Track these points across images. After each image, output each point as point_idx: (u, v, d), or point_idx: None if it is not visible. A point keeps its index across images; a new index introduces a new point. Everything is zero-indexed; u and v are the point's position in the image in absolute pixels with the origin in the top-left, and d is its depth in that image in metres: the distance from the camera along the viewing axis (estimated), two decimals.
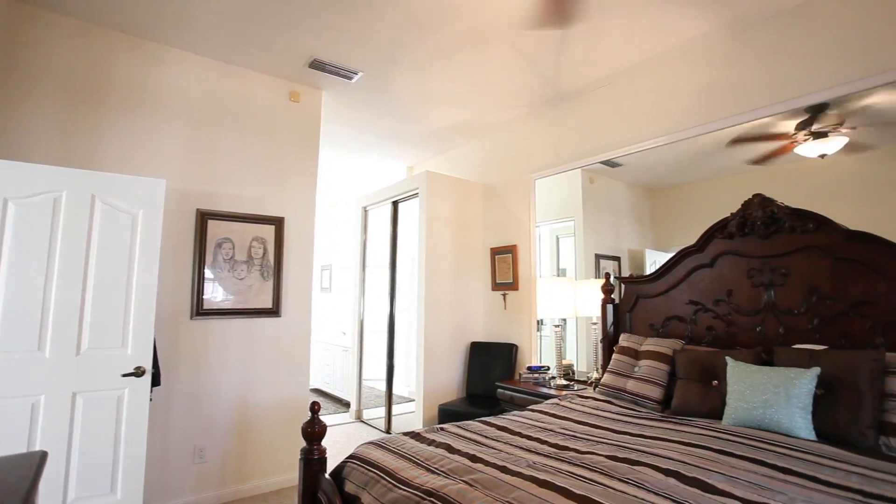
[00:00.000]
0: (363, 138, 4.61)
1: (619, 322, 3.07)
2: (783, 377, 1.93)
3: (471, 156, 4.70)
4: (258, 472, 3.11)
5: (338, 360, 5.97)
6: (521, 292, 3.96)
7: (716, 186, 2.92)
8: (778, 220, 2.35)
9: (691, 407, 2.23)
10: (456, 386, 4.15)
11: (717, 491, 1.35)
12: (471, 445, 1.81)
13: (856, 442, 1.73)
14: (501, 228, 4.22)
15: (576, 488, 1.36)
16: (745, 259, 2.47)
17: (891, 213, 2.20)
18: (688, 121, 2.90)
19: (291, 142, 3.44)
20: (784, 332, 2.29)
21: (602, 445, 1.78)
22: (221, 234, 3.05)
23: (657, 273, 2.87)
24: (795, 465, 1.53)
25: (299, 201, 3.43)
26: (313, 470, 1.87)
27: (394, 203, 4.67)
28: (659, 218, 3.27)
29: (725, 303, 2.53)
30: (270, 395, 3.20)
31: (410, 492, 1.45)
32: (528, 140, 4.04)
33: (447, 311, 4.13)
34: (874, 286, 2.06)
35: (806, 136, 2.49)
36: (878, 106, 2.25)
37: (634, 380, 2.53)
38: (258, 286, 3.18)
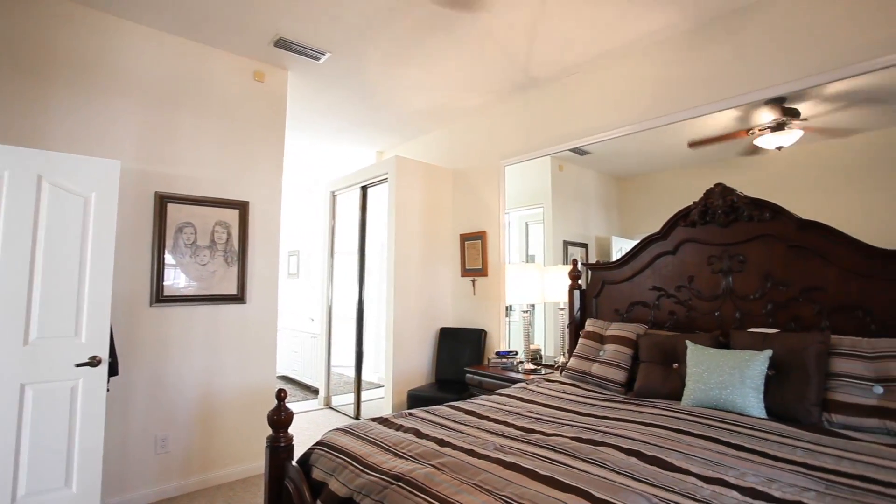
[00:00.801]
0: (331, 122, 4.51)
1: (586, 307, 3.14)
2: (738, 359, 2.02)
3: (441, 142, 4.67)
4: (224, 461, 3.05)
5: (306, 347, 5.89)
6: (490, 278, 3.99)
7: (681, 176, 2.99)
8: (737, 209, 2.43)
9: (653, 389, 2.31)
10: (425, 371, 4.17)
11: (675, 468, 1.41)
12: (439, 430, 1.82)
13: (802, 418, 1.83)
14: (471, 215, 4.23)
15: (541, 469, 1.39)
16: (705, 246, 2.56)
17: (840, 202, 2.32)
18: (654, 110, 2.96)
19: (256, 123, 3.32)
20: (740, 316, 2.40)
21: (567, 427, 1.82)
22: (182, 218, 2.94)
23: (623, 260, 2.94)
24: (747, 442, 1.61)
25: (265, 185, 3.33)
26: (280, 457, 1.84)
27: (363, 188, 4.60)
28: (626, 206, 3.34)
29: (687, 288, 2.62)
30: (236, 384, 3.13)
31: (378, 477, 1.45)
32: (499, 126, 4.03)
33: (416, 297, 4.12)
34: (823, 273, 2.17)
35: (762, 129, 2.58)
36: (832, 101, 2.35)
37: (599, 363, 2.60)
38: (222, 272, 3.08)
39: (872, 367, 1.81)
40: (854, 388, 1.81)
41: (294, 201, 7.16)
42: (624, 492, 1.24)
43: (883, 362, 1.79)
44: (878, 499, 1.21)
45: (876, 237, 2.06)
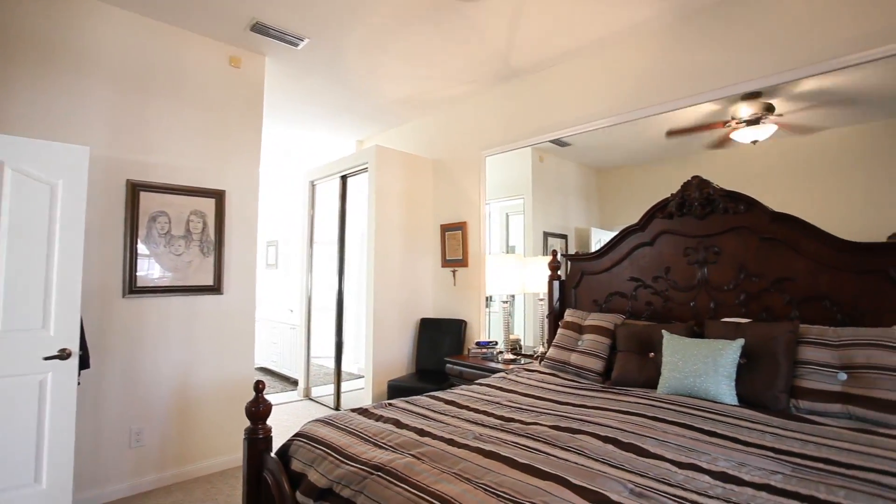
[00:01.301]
0: (310, 110, 4.42)
1: (565, 298, 3.17)
2: (712, 348, 2.07)
3: (422, 131, 4.63)
4: (201, 454, 3.01)
5: (285, 338, 5.83)
6: (470, 269, 4.00)
7: (660, 168, 3.04)
8: (713, 201, 2.48)
9: (630, 378, 2.35)
10: (405, 362, 4.17)
11: (651, 454, 1.44)
12: (419, 420, 1.83)
13: (770, 405, 1.89)
14: (452, 205, 4.22)
15: (520, 458, 1.40)
16: (682, 238, 2.61)
17: (812, 195, 2.39)
18: (634, 102, 2.98)
19: (232, 110, 3.23)
20: (715, 306, 2.45)
21: (546, 416, 1.85)
22: (155, 207, 2.85)
23: (601, 251, 2.97)
24: (719, 428, 1.66)
25: (242, 174, 3.26)
26: (258, 449, 1.83)
27: (342, 177, 4.55)
28: (605, 197, 3.37)
29: (663, 279, 2.67)
30: (213, 375, 3.08)
31: (358, 467, 1.44)
32: (480, 117, 4.02)
33: (397, 287, 4.11)
34: (793, 264, 2.24)
35: (739, 122, 2.63)
36: (804, 98, 2.40)
37: (578, 353, 2.64)
38: (198, 262, 3.01)
39: (837, 354, 1.88)
40: (820, 375, 1.87)
41: (273, 191, 7.04)
42: (601, 478, 1.27)
43: (847, 350, 1.86)
44: (840, 480, 1.26)
45: (845, 230, 2.13)
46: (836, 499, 1.15)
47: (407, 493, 1.24)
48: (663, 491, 1.20)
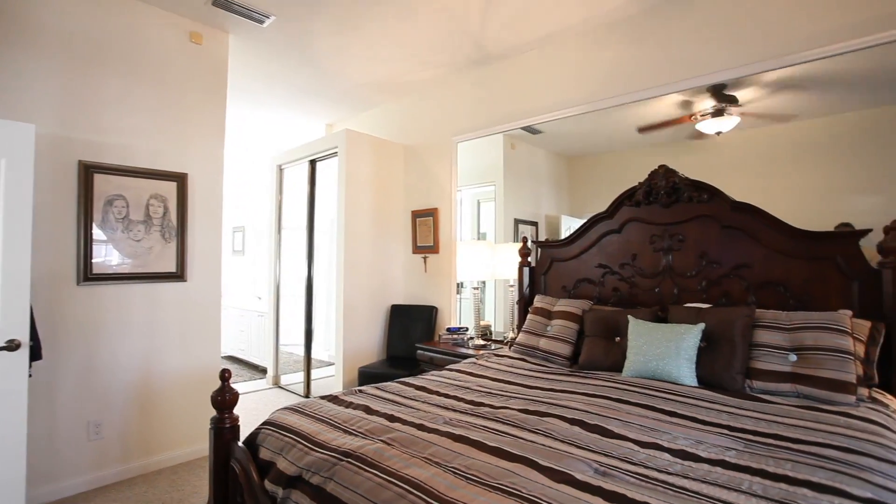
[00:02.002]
0: (278, 92, 4.29)
1: (535, 284, 3.21)
2: (674, 333, 2.14)
3: (393, 116, 4.56)
4: (166, 445, 2.93)
5: (253, 326, 5.72)
6: (441, 255, 4.00)
7: (628, 157, 3.09)
8: (678, 190, 2.54)
9: (596, 362, 2.41)
10: (376, 348, 4.16)
11: (615, 435, 1.49)
12: (389, 406, 1.83)
13: (728, 386, 1.98)
14: (423, 191, 4.19)
15: (489, 441, 1.42)
16: (649, 226, 2.67)
17: (772, 185, 2.48)
18: (604, 91, 3.01)
19: (194, 90, 3.09)
20: (678, 292, 2.54)
21: (515, 400, 1.88)
22: (112, 190, 2.72)
23: (571, 238, 3.02)
24: (680, 409, 1.73)
25: (205, 156, 3.14)
26: (225, 438, 1.79)
27: (311, 162, 4.44)
28: (575, 185, 3.42)
29: (630, 266, 2.73)
30: (178, 365, 3.00)
31: (327, 454, 1.43)
32: (451, 102, 3.98)
33: (367, 274, 4.08)
34: (751, 251, 2.33)
35: (704, 114, 2.70)
36: (766, 90, 2.48)
37: (547, 338, 2.68)
38: (159, 248, 2.90)
39: (789, 337, 1.98)
40: (773, 357, 1.97)
41: (239, 175, 6.83)
42: (567, 459, 1.30)
43: (798, 333, 1.96)
44: (787, 454, 1.33)
45: (800, 219, 2.23)
46: (783, 471, 1.22)
47: (377, 479, 1.25)
48: (626, 469, 1.25)
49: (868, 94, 2.31)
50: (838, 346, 1.84)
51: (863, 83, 2.29)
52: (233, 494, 1.72)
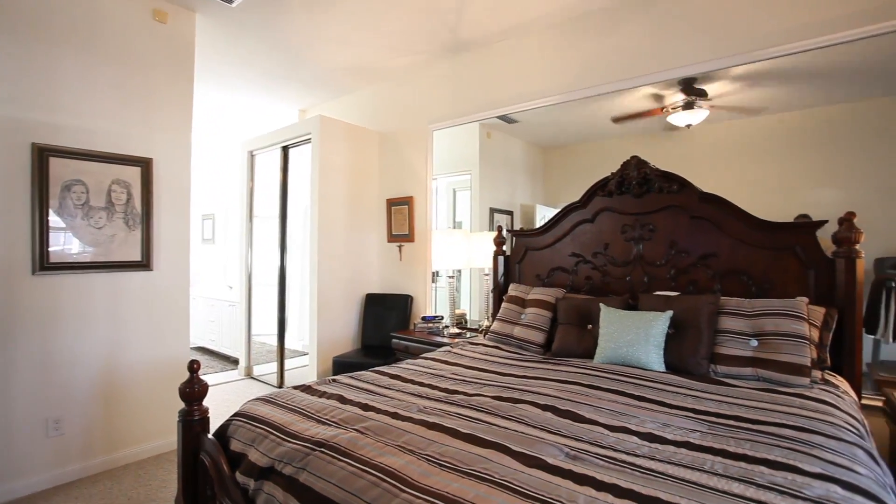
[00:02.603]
0: (248, 75, 4.15)
1: (510, 273, 3.24)
2: (644, 320, 2.20)
3: (367, 102, 4.49)
4: (132, 439, 2.86)
5: (224, 316, 5.60)
6: (416, 244, 3.98)
7: (603, 148, 3.13)
8: (650, 180, 2.59)
9: (569, 349, 2.46)
10: (351, 338, 4.14)
11: (586, 420, 1.52)
12: (363, 395, 1.82)
13: (694, 370, 2.05)
14: (398, 179, 4.16)
15: (463, 428, 1.44)
16: (621, 215, 2.72)
17: (741, 176, 2.56)
18: (579, 82, 3.03)
19: (158, 70, 2.97)
20: (648, 280, 2.60)
21: (489, 388, 1.90)
22: (69, 174, 2.59)
23: (545, 227, 3.05)
24: (648, 393, 1.78)
25: (172, 141, 3.02)
26: (194, 431, 1.75)
27: (284, 148, 4.34)
28: (550, 175, 3.45)
29: (602, 255, 2.78)
30: (144, 357, 2.91)
31: (300, 444, 1.42)
32: (427, 89, 3.94)
33: (341, 262, 4.03)
34: (718, 241, 2.40)
35: (675, 107, 2.75)
36: (736, 83, 2.55)
37: (521, 326, 2.72)
38: (123, 236, 2.79)
39: (750, 323, 2.05)
40: (735, 342, 2.04)
41: (208, 161, 6.62)
42: (539, 444, 1.32)
43: (759, 319, 2.04)
44: (747, 434, 1.39)
45: (763, 210, 2.30)
46: (742, 450, 1.27)
47: (350, 468, 1.24)
48: (596, 453, 1.28)
49: (826, 91, 2.40)
50: (795, 331, 1.93)
51: (821, 81, 2.38)
52: (203, 487, 1.69)
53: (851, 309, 2.04)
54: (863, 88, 2.32)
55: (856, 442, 1.37)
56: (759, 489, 1.07)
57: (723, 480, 1.11)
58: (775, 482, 1.10)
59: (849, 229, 2.05)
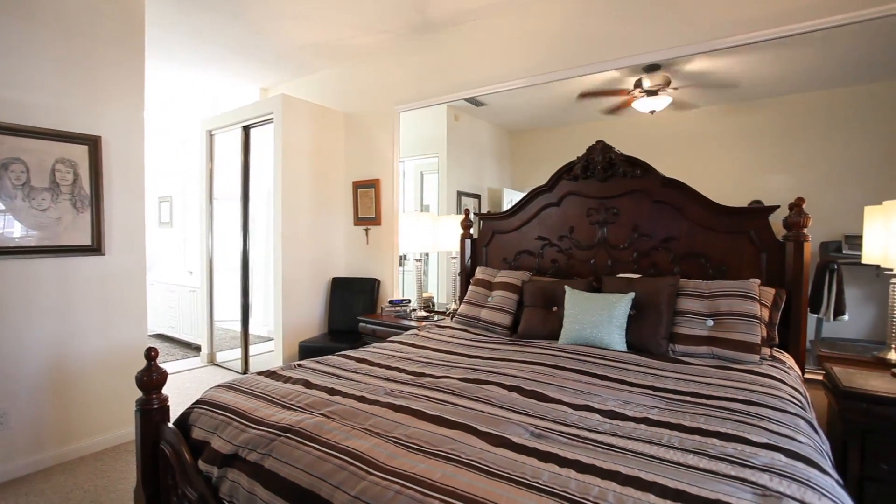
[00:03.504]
0: (204, 49, 3.95)
1: (477, 256, 3.26)
2: (607, 302, 2.26)
3: (332, 82, 4.36)
4: (88, 431, 2.74)
5: (184, 302, 5.41)
6: (383, 227, 3.94)
7: (570, 132, 3.16)
8: (614, 165, 2.64)
9: (535, 331, 2.50)
10: (317, 322, 4.09)
11: (550, 399, 1.56)
12: (329, 379, 1.80)
13: (654, 350, 2.13)
14: (364, 161, 4.08)
15: (430, 409, 1.44)
16: (586, 199, 2.76)
17: (698, 163, 2.64)
18: (547, 66, 3.03)
19: (105, 42, 2.78)
20: (612, 263, 2.66)
21: (456, 370, 1.92)
22: (5, 152, 2.41)
23: (512, 210, 3.07)
24: (610, 373, 1.84)
25: (122, 118, 2.85)
26: (153, 420, 1.69)
27: (245, 128, 4.18)
28: (518, 158, 3.46)
29: (568, 238, 2.83)
30: (98, 346, 2.78)
31: (265, 430, 1.40)
32: (394, 70, 3.86)
33: (306, 246, 3.95)
34: (678, 225, 2.48)
35: (640, 92, 2.79)
36: (697, 71, 2.60)
37: (487, 309, 2.74)
38: (70, 219, 2.64)
39: (707, 304, 2.14)
40: (693, 322, 2.13)
41: (164, 141, 6.31)
42: (505, 423, 1.35)
43: (714, 300, 2.13)
44: (701, 409, 1.46)
45: (721, 195, 2.39)
46: (697, 424, 1.33)
47: (317, 452, 1.23)
48: (559, 431, 1.31)
49: (780, 82, 2.49)
50: (748, 311, 2.02)
51: (776, 71, 2.46)
52: (164, 477, 1.65)
53: (798, 290, 2.15)
54: (815, 80, 2.42)
55: (798, 413, 1.46)
56: (712, 460, 1.13)
57: (678, 453, 1.17)
58: (726, 453, 1.16)
59: (798, 214, 2.15)
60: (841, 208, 2.27)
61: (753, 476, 1.04)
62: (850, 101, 2.29)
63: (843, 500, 1.02)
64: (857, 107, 2.28)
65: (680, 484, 1.00)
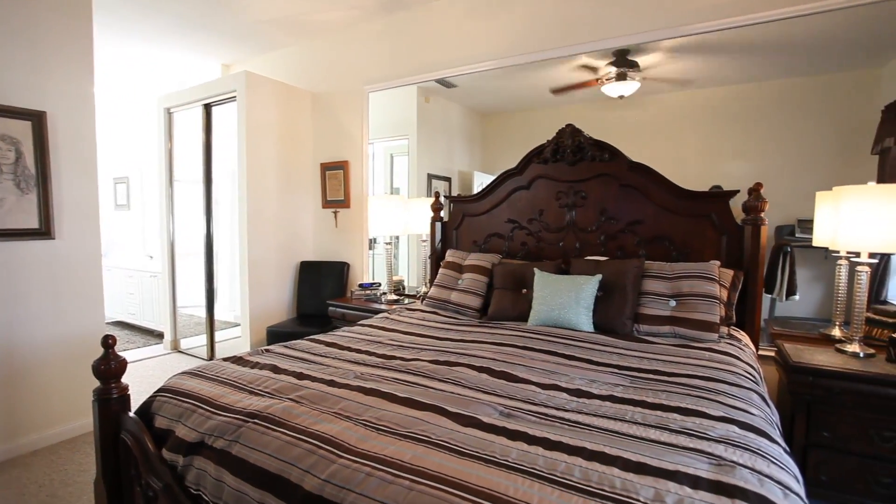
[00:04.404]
0: (159, 21, 3.72)
1: (447, 239, 3.25)
2: (575, 283, 2.30)
3: (299, 60, 4.21)
4: (43, 423, 2.62)
5: (145, 288, 5.21)
6: (352, 210, 3.88)
7: (541, 116, 3.16)
8: (583, 148, 2.67)
9: (504, 313, 2.53)
10: (285, 307, 4.02)
11: (519, 379, 1.58)
12: (298, 364, 1.78)
13: (619, 330, 2.19)
14: (333, 142, 3.99)
15: (400, 392, 1.45)
16: (555, 182, 2.79)
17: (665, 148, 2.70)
18: (517, 48, 3.00)
19: (49, 11, 2.58)
20: (580, 246, 2.71)
21: (426, 352, 1.92)
22: None
23: (482, 193, 3.07)
24: (577, 353, 1.88)
25: (70, 93, 2.68)
26: (112, 410, 1.63)
27: (206, 106, 4.00)
28: (488, 142, 3.45)
29: (537, 221, 2.85)
30: (51, 334, 2.65)
31: (232, 416, 1.37)
32: (362, 48, 3.76)
33: (273, 229, 3.85)
34: (644, 208, 2.54)
35: (609, 77, 2.82)
36: (666, 55, 2.64)
37: (458, 291, 2.75)
38: (14, 200, 2.48)
39: (670, 285, 2.21)
40: (657, 303, 2.20)
41: (120, 118, 5.98)
42: (474, 404, 1.36)
43: (677, 281, 2.20)
44: (664, 385, 1.52)
45: (685, 180, 2.45)
46: (659, 400, 1.39)
47: (286, 437, 1.22)
48: (528, 410, 1.34)
49: (741, 70, 2.56)
50: (708, 292, 2.10)
51: (738, 59, 2.52)
52: (126, 468, 1.60)
53: (755, 271, 2.25)
54: (775, 70, 2.49)
55: (752, 388, 1.54)
56: (672, 433, 1.18)
57: (641, 428, 1.21)
58: (686, 426, 1.21)
59: (756, 199, 2.23)
60: (795, 194, 2.37)
61: (710, 447, 1.09)
62: (806, 91, 2.38)
63: (789, 466, 1.08)
64: (812, 97, 2.37)
65: (642, 457, 1.04)
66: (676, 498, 0.90)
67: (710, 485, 0.94)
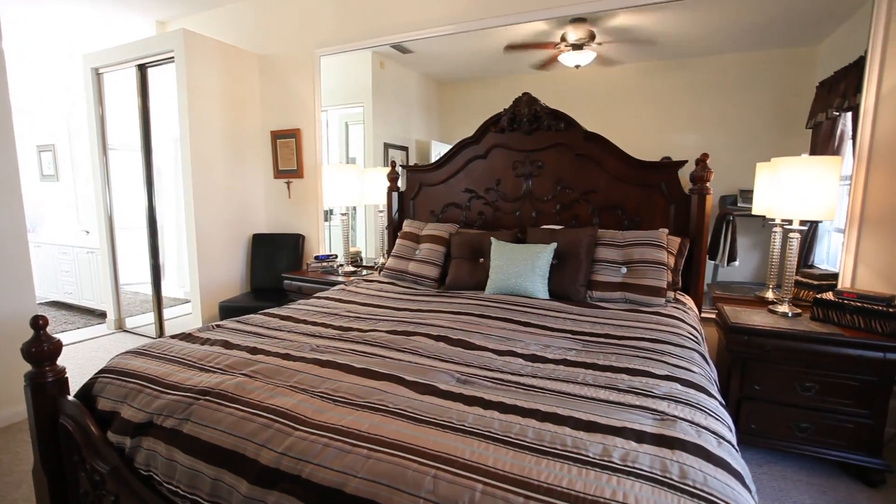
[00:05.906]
0: None
1: (404, 209, 3.22)
2: (531, 252, 2.34)
3: (243, 18, 3.94)
4: None
5: (81, 265, 4.88)
6: (306, 180, 3.75)
7: (498, 85, 3.12)
8: (539, 118, 2.67)
9: (462, 282, 2.55)
10: (238, 281, 3.88)
11: (476, 347, 1.61)
12: (251, 338, 1.73)
13: (573, 297, 2.26)
14: (283, 109, 3.80)
15: (357, 363, 1.44)
16: (512, 152, 2.79)
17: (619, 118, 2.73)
18: (475, 13, 2.93)
19: None
20: (536, 215, 2.74)
21: (384, 322, 1.91)
22: None
23: (439, 162, 3.03)
24: (533, 319, 1.93)
25: None
26: (48, 395, 1.54)
27: (140, 67, 3.70)
28: (446, 110, 3.39)
29: (494, 191, 2.86)
30: None
31: (181, 395, 1.32)
32: (313, 9, 3.55)
33: (222, 200, 3.67)
34: (598, 178, 2.59)
35: (566, 46, 2.80)
36: (620, 26, 2.64)
37: (415, 262, 2.74)
38: None
39: (622, 253, 2.29)
40: (609, 270, 2.27)
41: (40, 81, 5.43)
42: (432, 372, 1.38)
43: (629, 249, 2.28)
44: (614, 349, 1.59)
45: (637, 150, 2.51)
46: (609, 363, 1.45)
47: (240, 412, 1.19)
48: (484, 376, 1.37)
49: (691, 45, 2.60)
50: (657, 259, 2.19)
51: (687, 34, 2.56)
52: (68, 454, 1.52)
53: (700, 239, 2.36)
54: (723, 43, 2.55)
55: (694, 348, 1.63)
56: (621, 393, 1.23)
57: (592, 389, 1.26)
58: (633, 386, 1.27)
59: (703, 169, 2.32)
60: (739, 165, 2.48)
61: (654, 404, 1.16)
62: (749, 66, 2.46)
63: (724, 417, 1.17)
64: (755, 72, 2.45)
65: (592, 416, 1.09)
66: (623, 452, 0.94)
67: (654, 438, 0.99)
